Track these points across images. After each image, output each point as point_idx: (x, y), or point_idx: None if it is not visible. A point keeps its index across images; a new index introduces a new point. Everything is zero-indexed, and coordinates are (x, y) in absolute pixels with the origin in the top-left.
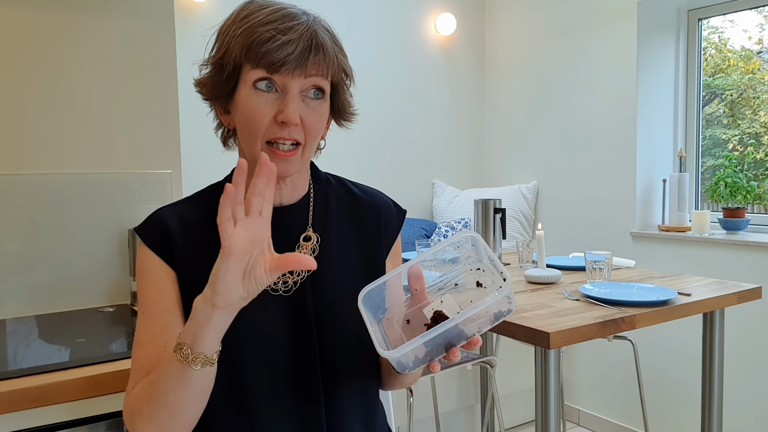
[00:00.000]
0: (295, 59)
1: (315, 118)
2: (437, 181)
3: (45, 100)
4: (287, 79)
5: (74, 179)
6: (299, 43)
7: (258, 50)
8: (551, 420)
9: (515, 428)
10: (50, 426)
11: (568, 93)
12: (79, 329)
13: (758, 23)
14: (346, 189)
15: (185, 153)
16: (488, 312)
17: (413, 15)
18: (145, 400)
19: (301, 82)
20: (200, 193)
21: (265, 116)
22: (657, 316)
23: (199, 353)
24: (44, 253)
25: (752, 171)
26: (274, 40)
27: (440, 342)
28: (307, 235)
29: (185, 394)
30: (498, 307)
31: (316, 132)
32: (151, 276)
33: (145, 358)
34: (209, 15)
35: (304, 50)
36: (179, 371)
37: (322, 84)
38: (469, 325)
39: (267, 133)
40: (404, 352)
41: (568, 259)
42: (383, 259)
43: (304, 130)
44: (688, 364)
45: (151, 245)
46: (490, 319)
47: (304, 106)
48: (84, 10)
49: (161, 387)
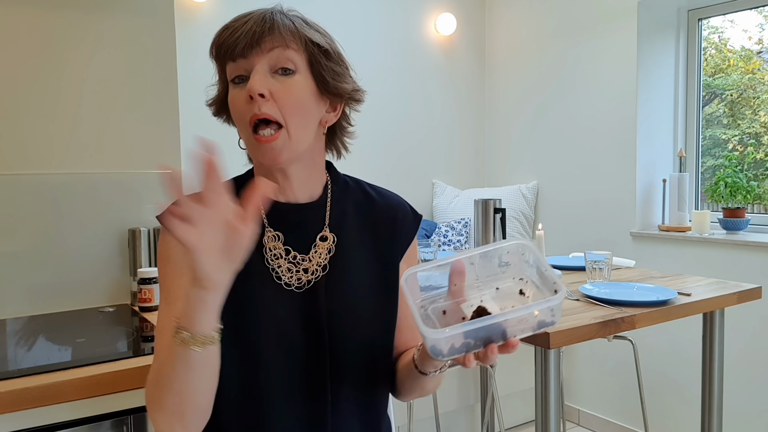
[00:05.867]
0: (244, 38)
1: (287, 93)
2: (437, 181)
3: (45, 100)
4: (250, 61)
5: (74, 179)
6: (249, 26)
7: (219, 49)
8: (551, 420)
9: (515, 428)
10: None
11: (569, 93)
12: (79, 329)
13: (758, 23)
14: (363, 191)
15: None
16: (535, 317)
17: (413, 15)
18: (154, 388)
19: (264, 59)
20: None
21: (241, 102)
22: (657, 316)
23: (198, 334)
24: (44, 253)
25: (752, 171)
26: (228, 29)
27: (481, 336)
28: (324, 235)
29: (190, 377)
30: (543, 316)
31: (293, 108)
32: (173, 263)
33: (165, 344)
34: (209, 15)
35: (255, 30)
36: (182, 356)
37: (288, 55)
38: (514, 326)
39: (246, 115)
40: (449, 334)
41: (568, 259)
42: (397, 262)
43: (278, 105)
44: (688, 364)
45: None
46: (533, 326)
47: (275, 83)
48: (84, 11)
49: (166, 373)
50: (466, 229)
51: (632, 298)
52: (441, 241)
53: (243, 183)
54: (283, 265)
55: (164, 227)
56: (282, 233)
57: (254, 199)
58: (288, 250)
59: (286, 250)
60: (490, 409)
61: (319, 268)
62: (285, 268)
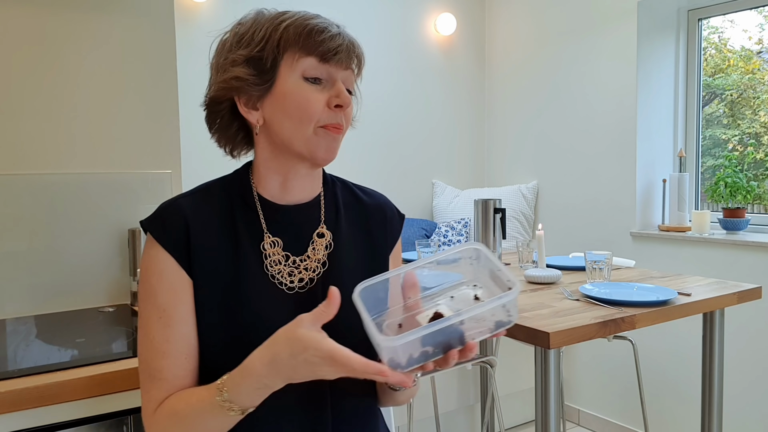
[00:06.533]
0: (345, 50)
1: (350, 110)
2: (437, 181)
3: (45, 100)
4: (335, 69)
5: (74, 179)
6: (345, 38)
7: (315, 38)
8: (551, 420)
9: (515, 428)
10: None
11: (568, 93)
12: (79, 329)
13: (758, 23)
14: (349, 190)
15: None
16: (492, 317)
17: (413, 15)
18: (168, 421)
19: (344, 75)
20: (209, 186)
21: (319, 102)
22: (657, 316)
23: (246, 409)
24: (44, 254)
25: (752, 171)
26: (328, 30)
27: (440, 341)
28: (321, 232)
29: (218, 426)
30: (500, 316)
31: (348, 123)
32: (167, 279)
33: (167, 369)
34: (209, 15)
35: (349, 45)
36: (219, 414)
37: (355, 80)
38: (471, 328)
39: (322, 119)
40: (402, 342)
41: (568, 259)
42: (387, 260)
43: (345, 119)
44: (688, 364)
45: (165, 244)
46: (490, 328)
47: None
48: (84, 10)
49: (191, 421)
50: (466, 230)
51: (632, 298)
52: (441, 242)
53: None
54: (284, 271)
55: (154, 238)
56: (281, 239)
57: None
58: (287, 255)
59: (285, 255)
60: (490, 409)
61: (318, 264)
62: (285, 273)
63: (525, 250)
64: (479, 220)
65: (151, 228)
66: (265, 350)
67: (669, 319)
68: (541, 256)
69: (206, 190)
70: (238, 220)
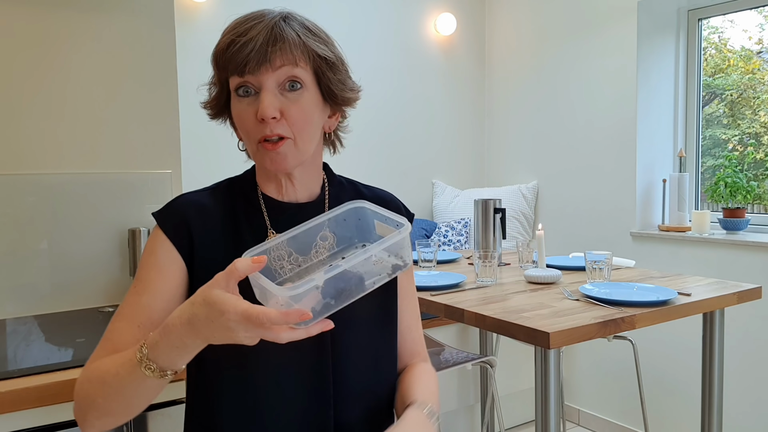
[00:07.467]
0: (255, 55)
1: (296, 110)
2: (437, 181)
3: (45, 100)
4: (258, 77)
5: (74, 179)
6: (258, 39)
7: (222, 58)
8: (551, 420)
9: (515, 428)
10: (50, 426)
11: (568, 93)
12: (79, 329)
13: (758, 23)
14: (357, 190)
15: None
16: (388, 259)
17: (413, 15)
18: (96, 388)
19: (273, 77)
20: (218, 185)
21: (249, 118)
22: (657, 316)
23: (166, 369)
24: (44, 253)
25: (752, 171)
26: (234, 44)
27: (341, 287)
28: (324, 234)
29: (138, 392)
30: (394, 259)
31: (302, 124)
32: (157, 256)
33: (117, 331)
34: (209, 15)
35: (263, 45)
36: (137, 375)
37: (296, 73)
38: (369, 269)
39: (255, 134)
40: (299, 291)
41: (568, 259)
42: None
43: (288, 123)
44: (688, 364)
45: (166, 230)
46: (388, 271)
47: (284, 100)
48: (84, 10)
49: (111, 380)
50: (466, 229)
51: (632, 298)
52: (441, 241)
53: (243, 184)
54: (285, 267)
55: (160, 227)
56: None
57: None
58: (290, 252)
59: (288, 251)
60: (490, 409)
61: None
62: (288, 268)
63: (525, 250)
64: (479, 220)
65: (158, 215)
66: (185, 308)
67: (669, 319)
68: (541, 256)
69: (215, 188)
70: (241, 216)
